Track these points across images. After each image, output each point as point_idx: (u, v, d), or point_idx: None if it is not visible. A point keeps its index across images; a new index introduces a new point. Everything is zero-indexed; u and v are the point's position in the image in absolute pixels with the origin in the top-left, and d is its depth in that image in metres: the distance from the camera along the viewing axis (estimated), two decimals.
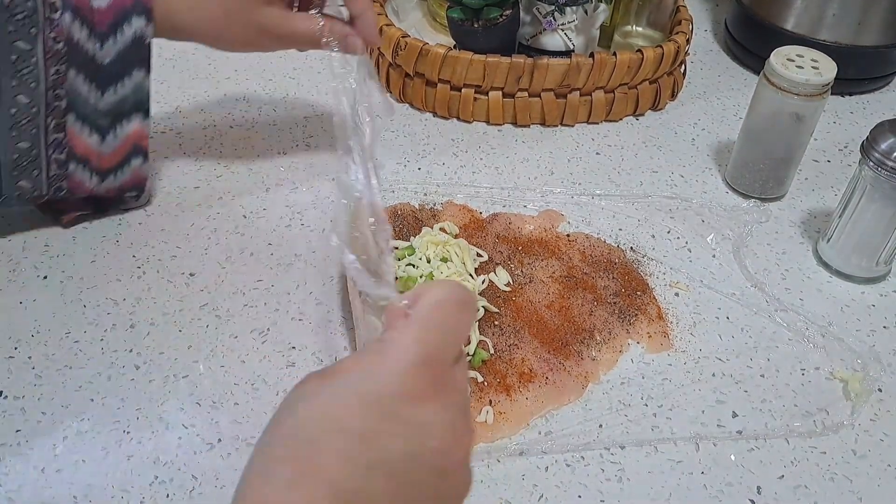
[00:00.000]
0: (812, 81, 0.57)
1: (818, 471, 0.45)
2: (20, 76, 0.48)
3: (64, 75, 0.50)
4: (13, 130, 0.50)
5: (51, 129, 0.51)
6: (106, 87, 0.52)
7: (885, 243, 0.55)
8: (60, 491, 0.41)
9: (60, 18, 0.48)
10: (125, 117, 0.54)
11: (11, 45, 0.48)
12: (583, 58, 0.68)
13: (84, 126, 0.52)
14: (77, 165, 0.53)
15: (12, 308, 0.51)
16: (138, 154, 0.55)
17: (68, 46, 0.49)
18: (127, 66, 0.52)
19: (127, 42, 0.51)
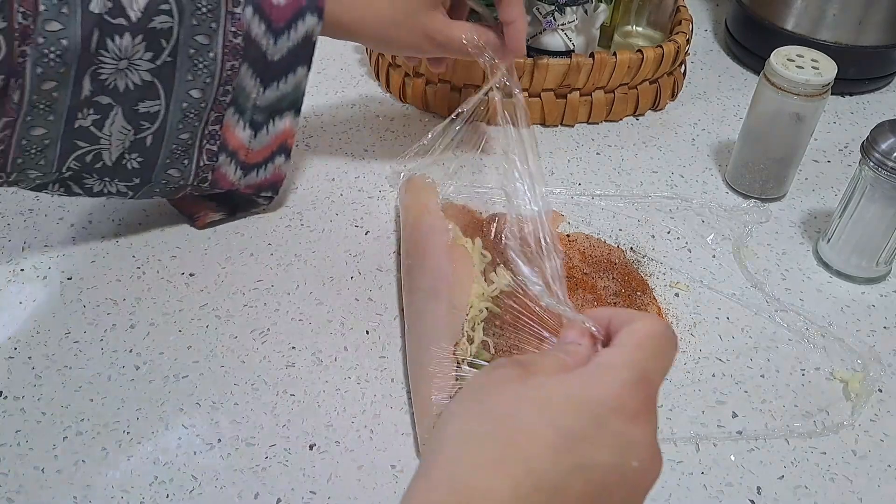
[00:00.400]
0: (812, 81, 0.57)
1: (818, 471, 0.45)
2: (196, 71, 0.49)
3: (237, 70, 0.50)
4: (180, 124, 0.50)
5: (210, 120, 0.51)
6: (269, 84, 0.52)
7: (885, 243, 0.55)
8: (60, 491, 0.41)
9: (242, 12, 0.48)
10: (279, 114, 0.54)
11: (192, 38, 0.48)
12: (583, 58, 0.68)
13: (240, 120, 0.52)
14: (226, 158, 0.53)
15: (12, 308, 0.51)
16: (282, 152, 0.56)
17: (246, 41, 0.49)
18: (292, 64, 0.52)
19: (298, 40, 0.51)
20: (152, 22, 0.46)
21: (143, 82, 0.48)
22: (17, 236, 0.57)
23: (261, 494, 0.42)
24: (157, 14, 0.46)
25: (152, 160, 0.51)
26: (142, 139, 0.49)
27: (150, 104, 0.48)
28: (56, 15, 0.43)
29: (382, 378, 0.48)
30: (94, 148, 0.49)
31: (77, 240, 0.57)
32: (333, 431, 0.45)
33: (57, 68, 0.44)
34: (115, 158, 0.50)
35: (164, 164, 0.51)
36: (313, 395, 0.47)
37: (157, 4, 0.46)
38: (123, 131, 0.49)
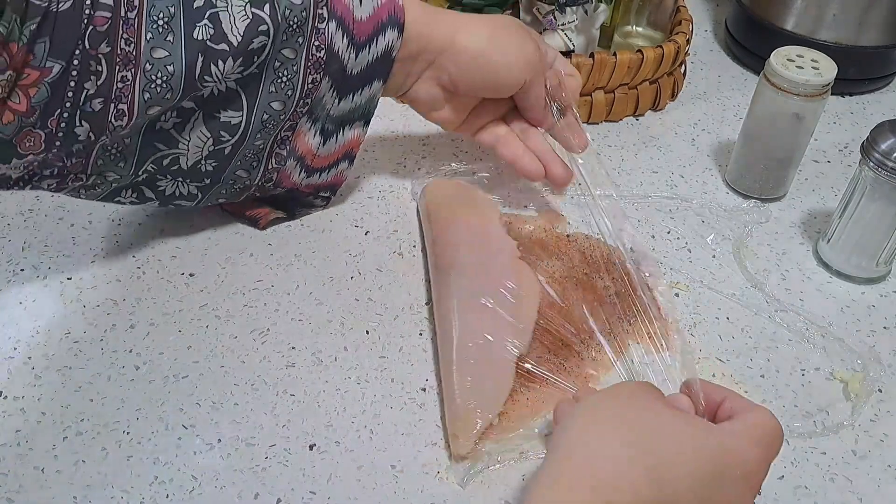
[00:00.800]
0: (812, 82, 0.57)
1: (818, 471, 0.45)
2: (279, 83, 0.49)
3: (318, 84, 0.50)
4: (258, 133, 0.50)
5: (285, 127, 0.51)
6: (345, 95, 0.52)
7: (885, 244, 0.55)
8: (60, 491, 0.41)
9: (326, 27, 0.49)
10: (349, 125, 0.55)
11: (279, 52, 0.48)
12: (583, 58, 0.68)
13: (312, 128, 0.53)
14: (293, 162, 0.54)
15: (12, 308, 0.51)
16: (346, 159, 0.56)
17: (328, 55, 0.50)
18: (370, 77, 0.52)
19: (378, 54, 0.51)
20: (252, 44, 0.46)
21: (227, 90, 0.48)
22: (17, 236, 0.57)
23: (261, 495, 0.42)
24: (256, 36, 0.46)
25: (226, 164, 0.51)
26: (220, 149, 0.50)
27: (231, 114, 0.49)
28: (161, 42, 0.44)
29: (382, 378, 0.48)
30: (172, 152, 0.49)
31: (77, 240, 0.57)
32: (333, 431, 0.45)
33: (163, 94, 0.45)
34: (192, 163, 0.50)
35: (236, 167, 0.52)
36: (313, 396, 0.47)
37: (256, 25, 0.46)
38: (202, 138, 0.49)
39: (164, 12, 0.44)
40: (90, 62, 0.42)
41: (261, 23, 0.46)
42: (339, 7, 0.49)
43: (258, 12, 0.46)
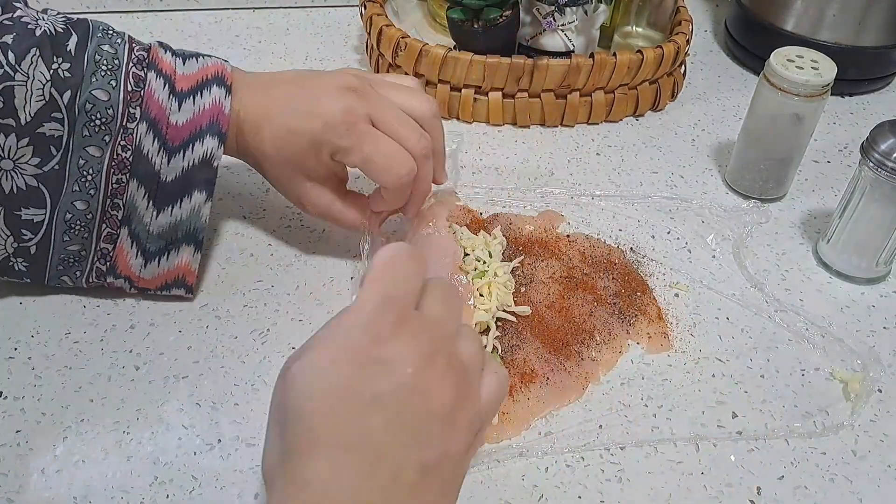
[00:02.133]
0: (812, 82, 0.57)
1: (818, 471, 0.45)
2: (82, 182, 0.47)
3: (125, 185, 0.48)
4: (66, 235, 0.48)
5: (103, 236, 0.49)
6: (163, 206, 0.49)
7: (885, 244, 0.55)
8: (60, 492, 0.41)
9: (136, 127, 0.47)
10: (174, 247, 0.50)
11: (83, 149, 0.47)
12: (583, 58, 0.68)
13: (133, 246, 0.50)
14: (116, 279, 0.51)
15: (12, 308, 0.51)
16: (180, 286, 0.52)
17: (135, 156, 0.48)
18: (188, 187, 0.49)
19: (195, 161, 0.49)
20: (42, 127, 0.45)
21: (27, 187, 0.46)
22: None
23: (261, 495, 0.42)
24: (48, 120, 0.45)
25: (40, 266, 0.49)
26: (25, 247, 0.48)
27: (33, 212, 0.47)
28: None
29: None
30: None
31: None
32: None
33: None
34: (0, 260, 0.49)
35: (56, 272, 0.50)
36: None
37: (49, 111, 0.45)
38: (2, 235, 0.47)
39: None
40: None
41: (55, 109, 0.45)
42: (153, 108, 0.48)
43: (56, 97, 0.45)
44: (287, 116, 0.50)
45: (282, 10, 0.88)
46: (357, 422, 0.31)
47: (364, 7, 0.76)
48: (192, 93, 0.49)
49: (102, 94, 0.47)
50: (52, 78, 0.45)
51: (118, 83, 0.47)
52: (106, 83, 0.47)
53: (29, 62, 0.45)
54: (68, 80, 0.46)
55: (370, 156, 0.49)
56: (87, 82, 0.46)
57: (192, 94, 0.49)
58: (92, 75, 0.47)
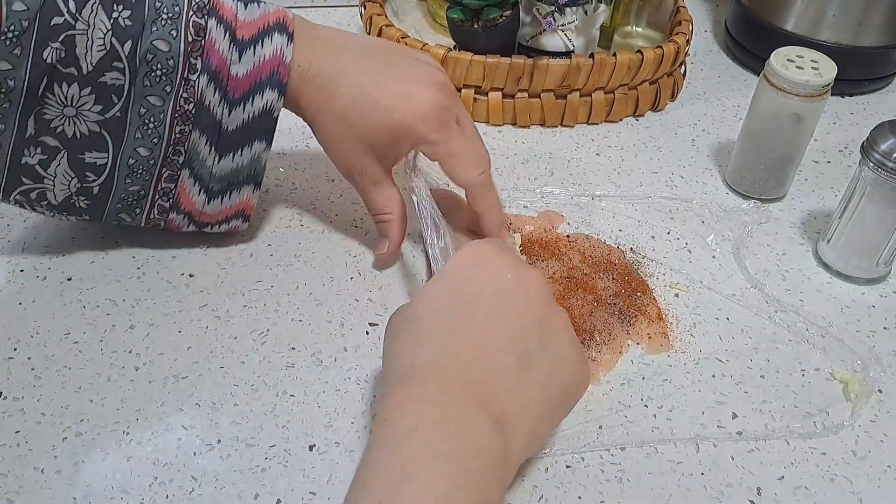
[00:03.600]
0: (812, 82, 0.57)
1: (818, 472, 0.45)
2: (144, 130, 0.48)
3: (188, 135, 0.49)
4: (128, 178, 0.49)
5: (164, 178, 0.50)
6: (224, 154, 0.50)
7: (885, 244, 0.55)
8: (59, 492, 0.41)
9: (197, 79, 0.47)
10: (236, 188, 0.52)
11: (144, 98, 0.47)
12: (583, 58, 0.68)
13: (196, 185, 0.51)
14: (178, 215, 0.52)
15: (11, 309, 0.51)
16: (240, 217, 0.55)
17: (197, 108, 0.48)
18: (249, 137, 0.50)
19: (255, 113, 0.49)
20: (103, 77, 0.45)
21: (90, 132, 0.47)
22: (17, 236, 0.57)
23: (260, 495, 0.42)
24: (109, 70, 0.45)
25: (101, 204, 0.50)
26: (88, 188, 0.49)
27: (96, 155, 0.48)
28: (7, 55, 0.43)
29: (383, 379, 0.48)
30: (38, 186, 0.48)
31: (77, 240, 0.57)
32: (333, 432, 0.45)
33: (1, 103, 0.44)
34: (62, 199, 0.49)
35: (115, 209, 0.51)
36: (313, 396, 0.47)
37: (110, 61, 0.45)
38: (67, 176, 0.48)
39: (17, 25, 0.43)
40: None
41: (116, 59, 0.45)
42: (214, 59, 0.47)
43: (117, 47, 0.45)
44: (372, 88, 0.49)
45: None
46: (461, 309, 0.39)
47: (364, 7, 0.76)
48: (254, 42, 0.48)
49: (163, 44, 0.46)
50: (112, 27, 0.45)
51: (178, 33, 0.46)
52: (167, 33, 0.46)
53: (90, 10, 0.44)
54: (129, 28, 0.45)
55: (457, 151, 0.50)
56: (147, 31, 0.46)
57: (252, 43, 0.48)
58: (153, 23, 0.46)
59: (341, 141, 0.51)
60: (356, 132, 0.50)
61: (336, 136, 0.51)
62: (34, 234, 0.57)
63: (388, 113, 0.49)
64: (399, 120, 0.49)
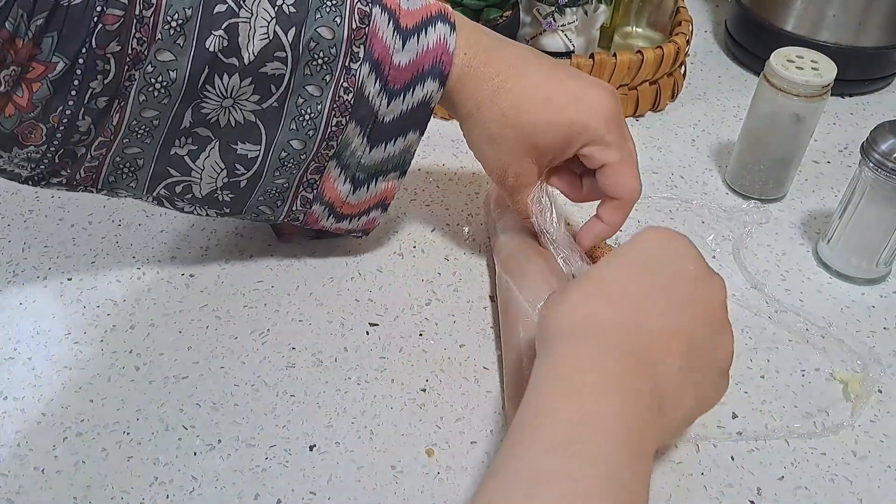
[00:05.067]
0: (812, 82, 0.57)
1: (818, 472, 0.45)
2: (301, 121, 0.46)
3: (343, 127, 0.47)
4: (277, 171, 0.48)
5: (310, 170, 0.48)
6: (377, 144, 0.48)
7: (885, 244, 0.55)
8: (60, 492, 0.41)
9: (359, 68, 0.45)
10: (383, 175, 0.50)
11: (303, 87, 0.45)
12: (583, 59, 0.68)
13: (341, 175, 0.49)
14: (320, 206, 0.51)
15: (12, 309, 0.51)
16: (379, 207, 0.52)
17: (356, 99, 0.46)
18: (404, 127, 0.48)
19: (414, 104, 0.47)
20: (264, 67, 0.43)
21: (245, 122, 0.45)
22: (17, 236, 0.57)
23: (261, 495, 0.42)
24: (271, 60, 0.43)
25: (244, 198, 0.49)
26: (235, 181, 0.48)
27: (248, 147, 0.46)
28: (170, 45, 0.41)
29: (382, 379, 0.48)
30: (185, 179, 0.47)
31: (77, 240, 0.57)
32: (333, 432, 0.45)
33: (160, 98, 0.43)
34: (206, 192, 0.48)
35: (257, 202, 0.50)
36: (313, 396, 0.47)
37: (272, 50, 0.43)
38: (216, 168, 0.47)
39: (180, 13, 0.41)
40: (97, 62, 0.41)
41: (279, 48, 0.43)
42: (377, 48, 0.45)
43: (280, 35, 0.43)
44: (546, 85, 0.46)
45: None
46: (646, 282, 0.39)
47: None
48: (417, 30, 0.46)
49: (327, 31, 0.44)
50: (276, 14, 0.43)
51: (343, 19, 0.44)
52: (331, 20, 0.44)
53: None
54: (293, 16, 0.43)
55: (628, 157, 0.48)
56: (311, 18, 0.43)
57: (416, 31, 0.46)
58: (317, 10, 0.44)
59: (502, 140, 0.47)
60: (520, 130, 0.47)
61: (497, 135, 0.47)
62: (34, 234, 0.57)
63: (560, 110, 0.46)
64: (574, 118, 0.46)
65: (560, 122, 0.46)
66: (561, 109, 0.46)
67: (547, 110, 0.46)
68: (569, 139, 0.47)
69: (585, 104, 0.46)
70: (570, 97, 0.46)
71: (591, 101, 0.46)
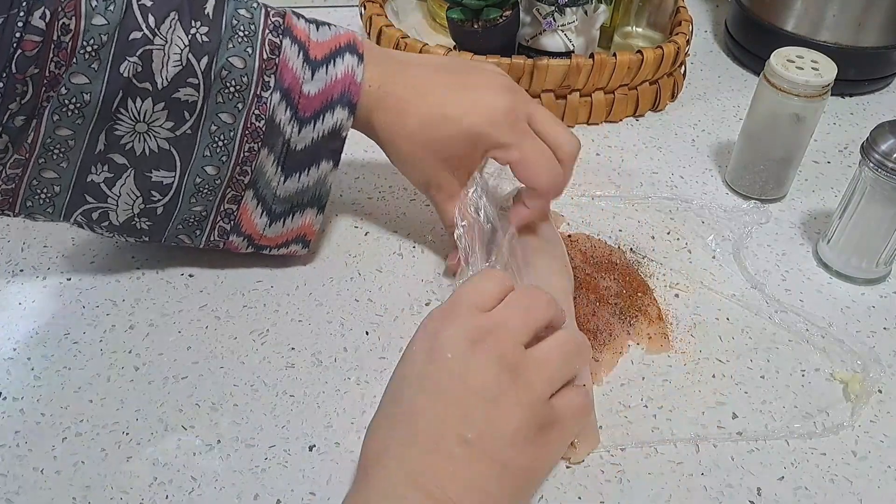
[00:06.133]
0: (812, 82, 0.57)
1: (818, 472, 0.45)
2: (213, 147, 0.48)
3: (256, 153, 0.48)
4: (193, 197, 0.49)
5: (227, 198, 0.50)
6: (291, 174, 0.50)
7: (885, 244, 0.55)
8: (59, 492, 0.41)
9: (269, 96, 0.47)
10: (299, 210, 0.52)
11: (216, 115, 0.47)
12: (583, 59, 0.68)
13: (259, 207, 0.51)
14: (238, 237, 0.52)
15: (11, 309, 0.51)
16: (299, 242, 0.54)
17: (268, 126, 0.48)
18: (317, 157, 0.50)
19: (324, 132, 0.49)
20: (177, 92, 0.45)
21: (159, 150, 0.47)
22: (17, 236, 0.57)
23: (260, 495, 0.42)
24: (184, 86, 0.45)
25: (162, 226, 0.50)
26: (152, 208, 0.49)
27: (163, 174, 0.47)
28: (85, 69, 0.43)
29: (382, 379, 0.48)
30: (101, 206, 0.48)
31: (76, 240, 0.57)
32: (333, 432, 0.45)
33: (74, 119, 0.44)
34: (124, 220, 0.49)
35: (176, 230, 0.51)
36: (313, 396, 0.47)
37: (185, 77, 0.45)
38: (132, 195, 0.48)
39: (96, 39, 0.43)
40: (16, 85, 0.42)
41: (192, 75, 0.45)
42: (287, 77, 0.47)
43: (193, 63, 0.45)
44: (443, 100, 0.49)
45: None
46: (406, 400, 0.38)
47: (364, 7, 0.76)
48: (326, 61, 0.49)
49: (239, 60, 0.46)
50: (189, 43, 0.45)
51: (254, 50, 0.46)
52: (242, 50, 0.46)
53: (168, 26, 0.44)
54: (206, 45, 0.45)
55: (529, 155, 0.49)
56: (223, 48, 0.46)
57: (325, 62, 0.49)
58: (229, 41, 0.46)
59: (416, 160, 0.51)
60: (430, 148, 0.50)
61: (411, 155, 0.51)
62: (34, 234, 0.57)
63: (457, 123, 0.49)
64: (469, 128, 0.49)
65: (459, 135, 0.49)
66: (457, 123, 0.49)
67: (446, 126, 0.49)
68: (472, 148, 0.50)
69: (478, 113, 0.49)
70: (465, 109, 0.49)
71: (483, 108, 0.49)
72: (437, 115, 0.49)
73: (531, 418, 0.38)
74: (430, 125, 0.49)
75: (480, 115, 0.49)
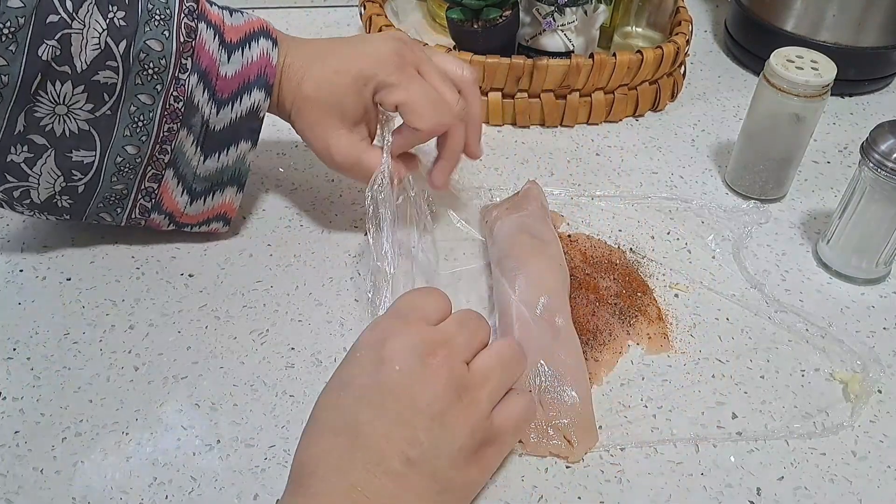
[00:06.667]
0: (812, 82, 0.57)
1: (818, 472, 0.45)
2: (133, 128, 0.49)
3: (175, 133, 0.50)
4: (114, 176, 0.50)
5: (148, 177, 0.51)
6: (210, 153, 0.52)
7: (885, 244, 0.55)
8: (59, 492, 0.41)
9: (187, 78, 0.49)
10: (219, 188, 0.54)
11: (134, 96, 0.48)
12: (582, 59, 0.68)
13: (179, 185, 0.52)
14: (159, 215, 0.53)
15: (11, 309, 0.51)
16: (220, 220, 0.56)
17: (186, 107, 0.49)
18: (235, 136, 0.52)
19: (242, 113, 0.51)
20: (97, 75, 0.46)
21: (79, 131, 0.47)
22: (17, 236, 0.57)
23: (260, 496, 0.42)
24: (103, 69, 0.46)
25: (83, 204, 0.51)
26: (73, 186, 0.50)
27: (84, 154, 0.48)
28: (3, 51, 0.43)
29: None
30: (22, 185, 0.49)
31: (76, 240, 0.57)
32: None
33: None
34: (45, 198, 0.50)
35: (97, 208, 0.52)
36: (313, 396, 0.47)
37: (104, 60, 0.46)
38: (53, 174, 0.48)
39: (13, 21, 0.43)
40: None
41: (110, 58, 0.46)
42: (204, 60, 0.49)
43: (112, 46, 0.46)
44: (333, 60, 0.51)
45: (282, 10, 0.88)
46: (348, 409, 0.37)
47: (364, 7, 0.76)
48: (241, 45, 0.51)
49: (156, 44, 0.47)
50: (108, 27, 0.46)
51: (171, 33, 0.48)
52: (159, 33, 0.47)
53: (86, 10, 0.45)
54: (123, 29, 0.46)
55: (413, 96, 0.50)
56: (141, 31, 0.47)
57: (240, 45, 0.51)
58: (146, 24, 0.47)
59: (314, 121, 0.52)
60: (325, 106, 0.51)
61: (309, 119, 0.52)
62: (34, 234, 0.57)
63: (347, 72, 0.50)
64: (358, 73, 0.50)
65: (349, 83, 0.50)
66: (347, 72, 0.50)
67: (338, 78, 0.51)
68: (361, 93, 0.51)
69: (366, 57, 0.51)
70: (353, 58, 0.51)
71: (371, 52, 0.51)
72: (330, 74, 0.51)
73: (474, 437, 0.38)
74: (322, 85, 0.51)
75: (367, 59, 0.50)
